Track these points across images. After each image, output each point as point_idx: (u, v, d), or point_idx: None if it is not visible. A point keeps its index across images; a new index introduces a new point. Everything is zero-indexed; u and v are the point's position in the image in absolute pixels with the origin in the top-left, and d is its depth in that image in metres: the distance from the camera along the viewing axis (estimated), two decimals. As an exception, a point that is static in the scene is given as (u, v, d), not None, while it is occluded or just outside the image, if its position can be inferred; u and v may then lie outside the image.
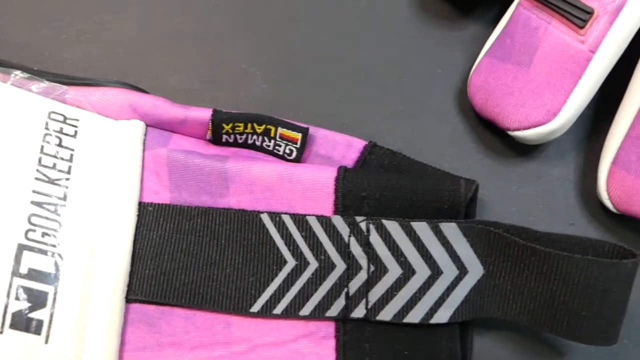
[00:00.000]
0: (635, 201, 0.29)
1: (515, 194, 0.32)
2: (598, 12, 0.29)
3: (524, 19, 0.31)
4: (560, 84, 0.30)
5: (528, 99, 0.30)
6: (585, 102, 0.30)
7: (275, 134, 0.30)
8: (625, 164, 0.30)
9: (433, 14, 0.35)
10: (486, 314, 0.28)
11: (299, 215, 0.28)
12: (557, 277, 0.26)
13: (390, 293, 0.27)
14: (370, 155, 0.30)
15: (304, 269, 0.28)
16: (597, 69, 0.30)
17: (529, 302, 0.27)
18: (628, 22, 0.29)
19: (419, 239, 0.27)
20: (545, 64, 0.30)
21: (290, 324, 0.28)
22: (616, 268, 0.25)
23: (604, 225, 0.31)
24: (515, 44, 0.31)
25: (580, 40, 0.29)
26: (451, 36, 0.35)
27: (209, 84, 0.34)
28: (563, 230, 0.31)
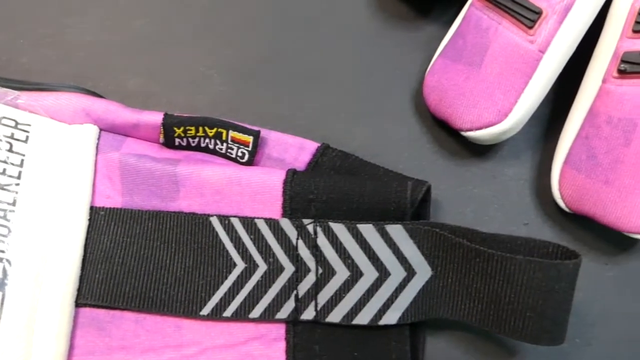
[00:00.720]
0: (586, 200, 0.29)
1: (470, 194, 0.32)
2: (547, 12, 0.29)
3: (476, 20, 0.31)
4: (510, 84, 0.30)
5: (479, 100, 0.30)
6: (536, 102, 0.30)
7: (227, 137, 0.30)
8: (575, 163, 0.29)
9: (391, 15, 0.35)
10: (436, 315, 0.28)
11: (248, 219, 0.28)
12: (502, 278, 0.25)
13: (339, 295, 0.27)
14: (322, 158, 0.30)
15: (253, 272, 0.28)
16: (547, 69, 0.29)
17: (477, 303, 0.27)
18: (577, 22, 0.29)
19: (366, 241, 0.27)
20: (495, 65, 0.30)
21: (240, 326, 0.28)
22: (558, 269, 0.25)
23: (559, 224, 0.31)
24: (467, 44, 0.31)
25: (529, 40, 0.29)
26: (409, 37, 0.35)
27: (167, 87, 0.34)
28: (517, 229, 0.31)
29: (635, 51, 0.28)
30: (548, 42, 0.29)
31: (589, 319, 0.30)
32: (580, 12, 0.29)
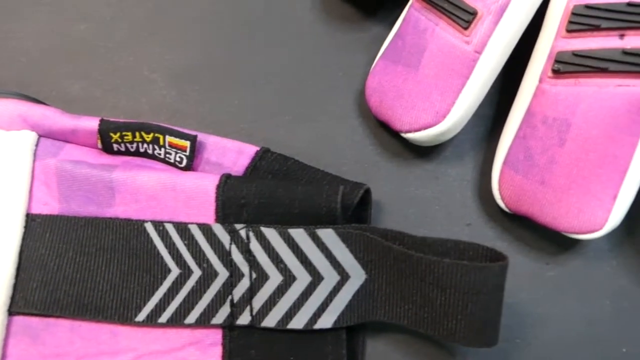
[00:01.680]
0: (524, 200, 0.29)
1: (412, 195, 0.32)
2: (482, 13, 0.29)
3: (414, 21, 0.31)
4: (447, 86, 0.29)
5: (417, 101, 0.30)
6: (475, 103, 0.30)
7: (164, 142, 0.29)
8: (513, 163, 0.29)
9: (335, 16, 0.35)
10: (372, 318, 0.27)
11: (181, 224, 0.28)
12: (431, 281, 0.25)
13: (273, 300, 0.27)
14: (260, 162, 0.30)
15: (187, 277, 0.28)
16: (483, 70, 0.29)
17: (411, 306, 0.26)
18: (513, 22, 0.29)
19: (298, 246, 0.27)
20: (432, 66, 0.30)
21: (177, 332, 0.28)
22: (484, 271, 0.24)
23: (500, 224, 0.31)
24: (406, 45, 0.31)
25: (465, 41, 0.29)
26: (353, 38, 0.35)
27: (110, 92, 0.34)
28: (459, 230, 0.31)
29: (568, 51, 0.28)
30: (484, 43, 0.29)
31: (529, 319, 0.30)
32: (516, 12, 0.29)
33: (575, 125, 0.28)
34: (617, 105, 0.27)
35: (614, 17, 0.27)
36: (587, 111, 0.27)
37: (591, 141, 0.27)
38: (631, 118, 0.27)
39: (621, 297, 0.30)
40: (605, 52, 0.27)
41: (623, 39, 0.27)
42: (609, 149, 0.27)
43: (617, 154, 0.27)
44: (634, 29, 0.27)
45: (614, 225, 0.28)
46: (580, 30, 0.28)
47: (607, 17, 0.27)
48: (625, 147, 0.27)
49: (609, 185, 0.28)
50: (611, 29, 0.27)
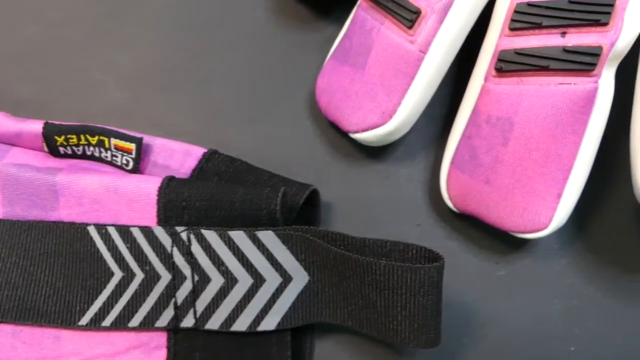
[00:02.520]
0: (470, 200, 0.29)
1: (363, 195, 0.31)
2: (426, 12, 0.28)
3: (361, 20, 0.30)
4: (393, 86, 0.29)
5: (364, 101, 0.30)
6: (421, 103, 0.30)
7: (110, 145, 0.29)
8: (460, 163, 0.29)
9: (289, 16, 0.35)
10: (317, 320, 0.27)
11: (124, 227, 0.27)
12: (370, 283, 0.25)
13: (216, 302, 0.27)
14: (207, 163, 0.29)
15: (130, 281, 0.27)
16: (429, 69, 0.29)
17: (353, 307, 0.26)
18: (457, 21, 0.28)
19: (238, 248, 0.26)
20: (378, 66, 0.29)
21: (121, 335, 0.27)
22: (420, 272, 0.24)
23: (450, 224, 0.31)
24: (353, 45, 0.30)
25: (410, 40, 0.29)
26: (307, 38, 0.34)
27: (62, 95, 0.33)
28: (409, 230, 0.31)
29: (511, 49, 0.28)
30: (429, 42, 0.29)
31: (478, 319, 0.30)
32: (460, 11, 0.28)
33: (518, 124, 0.27)
34: (559, 104, 0.27)
35: (555, 15, 0.27)
36: (529, 110, 0.27)
37: (534, 140, 0.27)
38: (573, 116, 0.27)
39: (570, 296, 0.30)
40: (547, 50, 0.27)
41: (565, 36, 0.27)
42: (552, 147, 0.27)
43: (560, 152, 0.27)
44: (575, 26, 0.27)
45: (559, 224, 0.28)
46: (522, 29, 0.27)
47: (549, 14, 0.27)
48: (569, 146, 0.27)
49: (553, 184, 0.27)
50: (553, 26, 0.27)
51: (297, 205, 0.28)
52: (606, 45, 0.26)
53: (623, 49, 0.27)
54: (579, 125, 0.27)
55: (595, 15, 0.26)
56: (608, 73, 0.27)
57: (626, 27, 0.26)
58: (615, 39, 0.26)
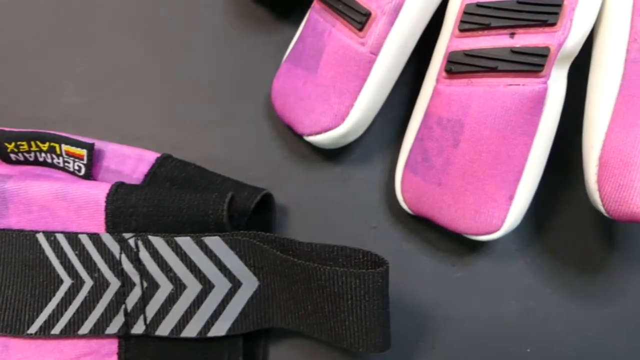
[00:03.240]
0: (424, 202, 0.28)
1: (320, 198, 0.31)
2: (376, 14, 0.28)
3: (314, 23, 0.30)
4: (345, 88, 0.29)
5: (317, 104, 0.29)
6: (374, 104, 0.29)
7: (61, 151, 0.29)
8: (413, 166, 0.29)
9: (247, 18, 0.34)
10: (268, 325, 0.27)
11: (72, 234, 0.27)
12: (317, 289, 0.25)
13: (165, 308, 0.26)
14: (159, 168, 0.29)
15: (80, 288, 0.27)
16: (380, 71, 0.28)
17: (303, 312, 0.26)
18: (407, 23, 0.28)
19: (186, 254, 0.26)
20: (330, 68, 0.29)
21: (71, 343, 0.27)
22: (364, 277, 0.24)
23: (407, 227, 0.30)
24: (306, 48, 0.30)
25: (360, 42, 0.28)
26: (265, 41, 0.34)
27: (20, 100, 0.33)
28: (365, 233, 0.31)
29: (460, 50, 0.27)
30: (380, 44, 0.28)
31: (434, 321, 0.29)
32: (411, 13, 0.28)
33: (468, 126, 0.27)
34: (508, 105, 0.26)
35: (503, 16, 0.26)
36: (478, 111, 0.27)
37: (484, 142, 0.27)
38: (523, 117, 0.26)
39: (527, 297, 0.29)
40: (495, 51, 0.26)
41: (514, 37, 0.26)
42: (502, 149, 0.27)
43: (510, 154, 0.27)
44: (523, 27, 0.26)
45: (511, 226, 0.27)
46: (471, 30, 0.27)
47: (497, 15, 0.27)
48: (519, 147, 0.27)
49: (504, 186, 0.27)
50: (501, 27, 0.27)
51: (248, 210, 0.28)
52: (554, 45, 0.26)
53: (572, 49, 0.26)
54: (529, 127, 0.27)
55: (542, 16, 0.26)
56: (558, 73, 0.27)
57: (575, 27, 0.26)
58: (564, 40, 0.26)
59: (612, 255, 0.30)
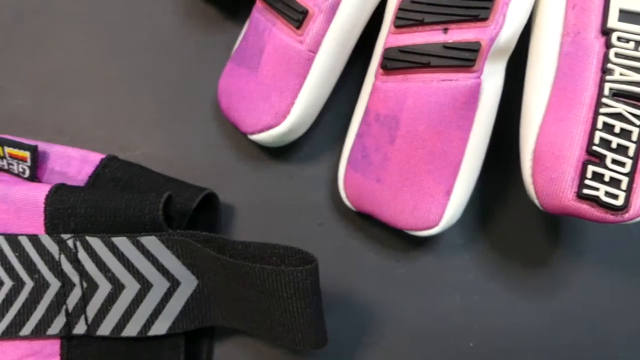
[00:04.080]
0: (365, 199, 0.28)
1: (266, 197, 0.31)
2: (313, 12, 0.28)
3: (255, 22, 0.30)
4: (285, 86, 0.29)
5: (258, 103, 0.29)
6: (316, 102, 0.29)
7: (5, 154, 0.29)
8: (353, 162, 0.28)
9: (196, 18, 0.34)
10: (209, 323, 0.27)
11: (12, 236, 0.27)
12: (250, 287, 0.25)
13: (105, 308, 0.26)
14: (103, 169, 0.29)
15: (21, 289, 0.27)
16: (320, 69, 0.28)
17: (241, 310, 0.26)
18: (345, 20, 0.28)
19: (123, 254, 0.26)
20: (270, 67, 0.29)
21: (13, 344, 0.27)
22: (293, 275, 0.24)
23: (352, 223, 0.30)
24: (248, 47, 0.30)
25: (299, 40, 0.28)
26: (214, 40, 0.34)
27: (-32, 104, 0.33)
28: (311, 230, 0.30)
29: (395, 47, 0.27)
30: (318, 42, 0.28)
31: (377, 317, 0.29)
32: (348, 10, 0.28)
33: (403, 122, 0.27)
34: (441, 100, 0.26)
35: (437, 12, 0.26)
36: (413, 107, 0.27)
37: (419, 137, 0.27)
38: (457, 113, 0.26)
39: (471, 291, 0.29)
40: (428, 47, 0.26)
41: (447, 32, 0.26)
42: (437, 144, 0.27)
43: (446, 149, 0.27)
44: (456, 22, 0.26)
45: (450, 221, 0.27)
46: (406, 26, 0.27)
47: (431, 11, 0.26)
48: (455, 142, 0.27)
49: (441, 182, 0.27)
50: (435, 23, 0.26)
51: (189, 210, 0.28)
52: (485, 40, 0.26)
53: (506, 44, 0.26)
54: (464, 121, 0.26)
55: (474, 11, 0.26)
56: (493, 68, 0.27)
57: (508, 22, 0.26)
58: (496, 34, 0.26)
59: (555, 248, 0.30)
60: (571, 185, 0.25)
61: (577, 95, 0.25)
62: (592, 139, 0.24)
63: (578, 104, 0.25)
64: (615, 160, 0.24)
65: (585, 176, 0.24)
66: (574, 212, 0.25)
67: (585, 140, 0.24)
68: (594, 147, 0.24)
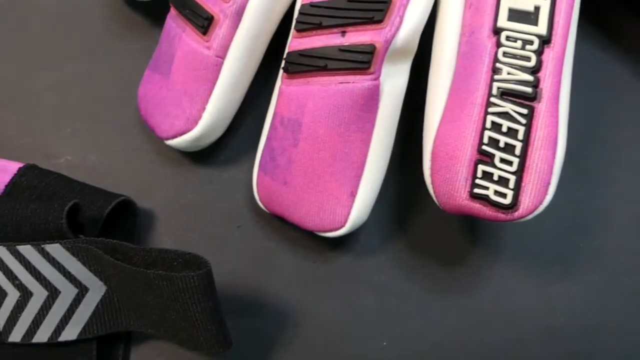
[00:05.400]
0: (275, 201, 0.28)
1: (187, 200, 0.31)
2: (219, 17, 0.28)
3: (168, 28, 0.30)
4: (195, 92, 0.29)
5: (171, 109, 0.29)
6: (227, 107, 0.29)
7: None
8: (263, 165, 0.29)
9: (122, 25, 0.34)
10: (120, 328, 0.27)
11: None
12: (150, 292, 0.25)
13: (15, 315, 0.27)
14: (20, 178, 0.29)
15: None
16: (229, 74, 0.28)
17: (149, 315, 0.26)
18: (252, 25, 0.28)
19: (29, 262, 0.26)
20: (180, 73, 0.29)
21: None
22: (187, 280, 0.24)
23: (269, 225, 0.30)
24: (162, 53, 0.30)
25: (206, 46, 0.28)
26: (139, 47, 0.34)
27: None
28: (229, 233, 0.31)
29: (296, 50, 0.27)
30: (225, 47, 0.28)
31: (293, 318, 0.29)
32: (254, 15, 0.28)
33: (305, 125, 0.27)
34: (340, 103, 0.26)
35: (334, 15, 0.26)
36: (314, 110, 0.27)
37: (320, 140, 0.27)
38: (356, 115, 0.26)
39: (386, 292, 0.29)
40: (325, 50, 0.26)
41: (345, 35, 0.26)
42: (339, 147, 0.27)
43: (348, 151, 0.27)
44: (353, 25, 0.26)
45: (357, 222, 0.27)
46: (307, 30, 0.27)
47: (329, 14, 0.26)
48: (356, 144, 0.27)
49: (345, 183, 0.27)
50: (333, 26, 0.26)
51: (101, 217, 0.28)
52: (380, 42, 0.25)
53: (404, 45, 0.26)
54: (364, 123, 0.26)
55: (370, 13, 0.26)
56: (393, 69, 0.27)
57: (405, 23, 0.26)
58: (391, 36, 0.26)
59: (471, 248, 0.30)
60: (464, 185, 0.25)
61: (470, 95, 0.25)
62: (482, 139, 0.24)
63: (470, 104, 0.25)
64: (503, 159, 0.24)
65: (476, 176, 0.24)
66: (469, 212, 0.25)
67: (477, 140, 0.24)
68: (483, 147, 0.24)
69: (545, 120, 0.24)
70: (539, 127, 0.24)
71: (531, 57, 0.24)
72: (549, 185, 0.24)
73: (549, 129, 0.24)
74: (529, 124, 0.24)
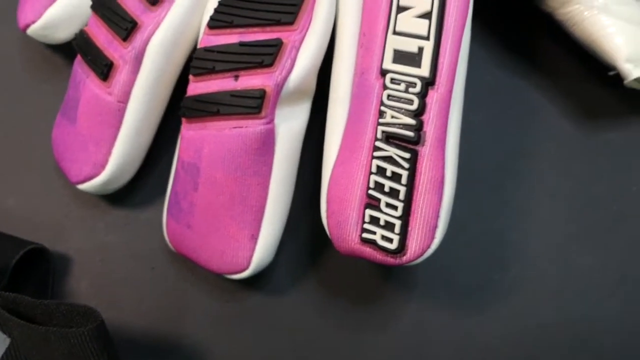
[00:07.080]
0: (181, 244, 0.28)
1: (102, 242, 0.31)
2: (118, 64, 0.28)
3: (74, 74, 0.30)
4: (100, 137, 0.28)
5: (79, 154, 0.29)
6: (135, 150, 0.29)
7: None
8: (170, 208, 0.28)
9: (42, 66, 0.34)
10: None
11: None
12: (49, 347, 0.24)
13: None
14: None
15: None
16: (132, 118, 0.28)
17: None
18: (152, 69, 0.28)
19: None
20: (86, 118, 0.29)
21: None
22: (77, 336, 0.23)
23: (184, 266, 0.30)
24: (69, 99, 0.30)
25: (108, 92, 0.28)
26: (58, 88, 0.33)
27: None
28: (143, 275, 0.30)
29: (192, 96, 0.27)
30: (127, 92, 0.28)
31: (206, 358, 0.29)
32: (154, 60, 0.28)
33: (203, 170, 0.27)
34: (234, 147, 0.26)
35: (226, 59, 0.26)
36: (210, 155, 0.26)
37: (218, 184, 0.26)
38: (251, 159, 0.26)
39: (299, 330, 0.29)
40: (217, 96, 0.26)
41: (238, 80, 0.26)
42: (236, 190, 0.26)
43: (245, 195, 0.26)
44: (245, 69, 0.26)
45: (261, 264, 0.27)
46: (202, 74, 0.27)
47: (221, 59, 0.26)
48: (253, 187, 0.26)
49: (245, 226, 0.27)
50: (226, 70, 0.26)
51: (8, 267, 0.28)
52: (270, 86, 0.25)
53: (298, 87, 0.26)
54: (261, 167, 0.26)
55: (259, 57, 0.25)
56: (289, 111, 0.26)
57: (298, 65, 0.26)
58: (282, 80, 0.25)
59: (385, 284, 0.29)
60: (355, 229, 0.24)
61: (359, 138, 0.25)
62: (369, 183, 0.24)
63: (360, 147, 0.24)
64: (389, 203, 0.23)
65: (364, 220, 0.24)
66: (361, 255, 0.25)
67: (365, 184, 0.24)
68: (370, 191, 0.24)
69: (429, 164, 0.23)
70: (422, 171, 0.23)
71: (414, 100, 0.24)
72: (435, 229, 0.23)
73: (433, 172, 0.23)
74: (412, 168, 0.23)
